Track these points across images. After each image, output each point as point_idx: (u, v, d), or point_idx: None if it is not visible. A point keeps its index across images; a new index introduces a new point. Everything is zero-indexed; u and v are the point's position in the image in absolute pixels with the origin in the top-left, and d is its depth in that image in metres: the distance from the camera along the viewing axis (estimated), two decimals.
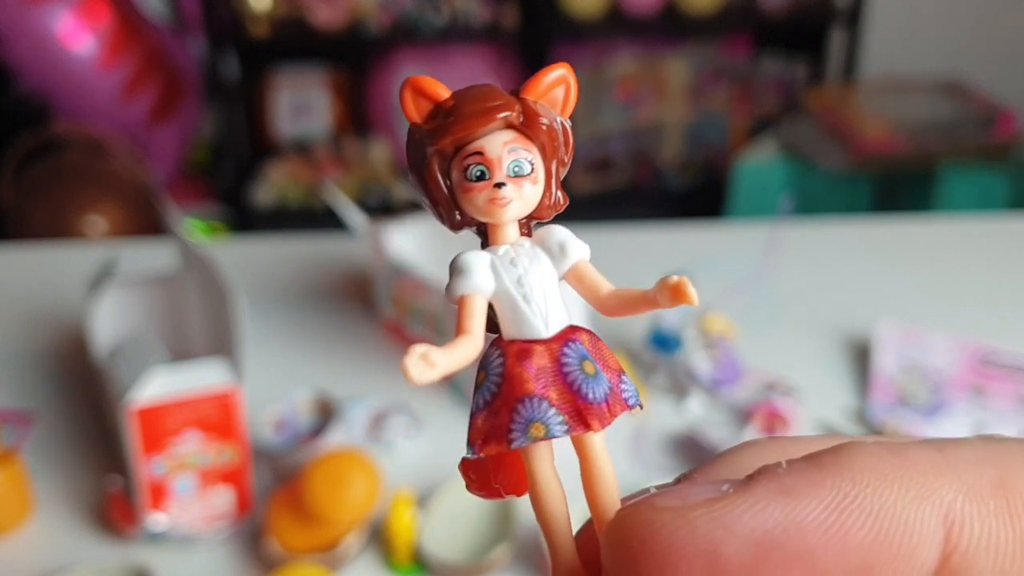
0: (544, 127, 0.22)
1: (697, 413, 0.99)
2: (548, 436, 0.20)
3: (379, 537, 0.85)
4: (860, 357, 1.07)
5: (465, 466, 0.22)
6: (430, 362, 0.20)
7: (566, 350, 0.21)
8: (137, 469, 0.82)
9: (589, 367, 0.21)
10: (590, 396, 0.21)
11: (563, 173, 0.23)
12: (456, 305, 0.22)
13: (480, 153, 0.22)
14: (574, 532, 0.21)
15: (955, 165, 2.22)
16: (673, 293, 0.21)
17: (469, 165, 0.22)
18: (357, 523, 0.84)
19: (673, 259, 1.18)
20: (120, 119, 2.38)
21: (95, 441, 0.97)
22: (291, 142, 2.73)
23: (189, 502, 0.85)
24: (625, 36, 2.67)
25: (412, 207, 1.19)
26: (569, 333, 0.22)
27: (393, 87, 2.66)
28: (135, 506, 0.84)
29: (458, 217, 0.23)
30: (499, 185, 0.22)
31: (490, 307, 0.22)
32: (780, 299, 1.15)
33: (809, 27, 2.68)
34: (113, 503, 0.86)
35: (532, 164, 0.22)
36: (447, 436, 0.96)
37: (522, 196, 0.22)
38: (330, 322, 1.15)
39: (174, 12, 2.64)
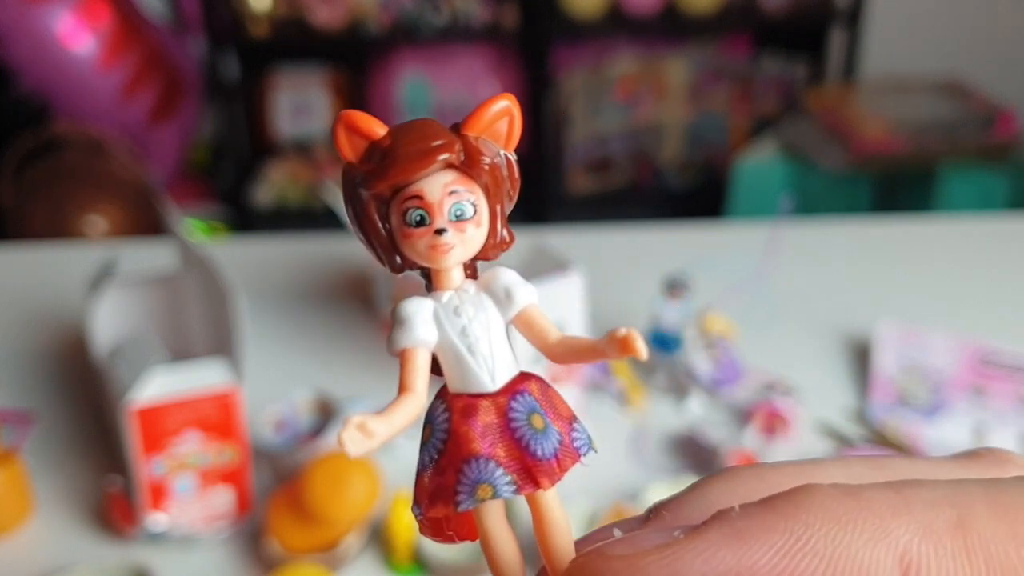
0: (487, 166, 0.21)
1: (697, 413, 0.99)
2: (496, 496, 0.20)
3: (379, 537, 0.85)
4: (860, 357, 1.07)
5: (416, 497, 0.22)
6: (368, 432, 0.19)
7: (513, 404, 0.20)
8: (137, 469, 0.82)
9: (538, 421, 0.20)
10: (539, 453, 0.20)
11: (509, 208, 0.22)
12: (397, 358, 0.21)
13: (419, 197, 0.21)
14: None
15: (955, 165, 2.22)
16: (621, 346, 0.20)
17: (408, 209, 0.21)
18: (357, 523, 0.84)
19: (673, 259, 1.18)
20: (120, 119, 2.38)
21: (95, 441, 0.97)
22: (291, 142, 2.73)
23: (189, 502, 0.85)
24: (625, 36, 2.67)
25: None
26: (517, 384, 0.21)
27: (393, 87, 2.66)
28: (135, 506, 0.84)
29: (399, 260, 0.22)
30: (440, 231, 0.21)
31: (434, 355, 0.22)
32: (780, 299, 1.15)
33: (809, 27, 2.67)
34: (113, 503, 0.86)
35: (475, 206, 0.21)
36: None
37: (464, 241, 0.21)
38: (330, 322, 1.15)
39: (174, 12, 2.64)
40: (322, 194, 2.08)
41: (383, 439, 0.20)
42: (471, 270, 0.22)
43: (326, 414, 0.97)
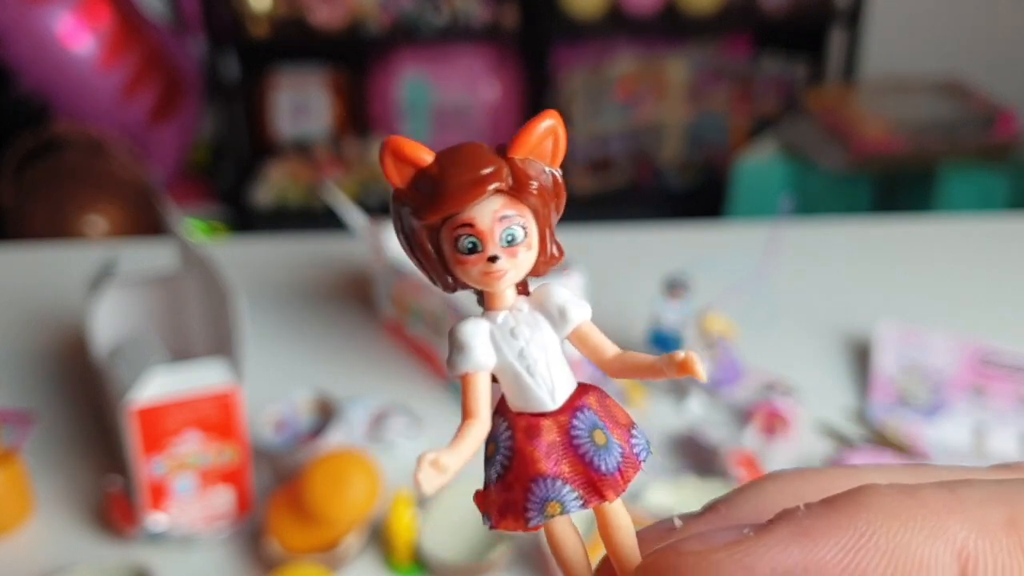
0: (535, 190, 0.21)
1: (697, 413, 0.99)
2: (564, 512, 0.20)
3: (379, 537, 0.85)
4: (860, 357, 1.07)
5: (483, 505, 0.22)
6: (441, 467, 0.20)
7: (575, 422, 0.21)
8: (137, 469, 0.82)
9: (600, 437, 0.21)
10: (603, 468, 0.21)
11: (555, 221, 0.23)
12: (458, 381, 0.22)
13: (471, 225, 0.21)
14: (593, 570, 0.22)
15: (955, 165, 2.22)
16: (680, 368, 0.21)
17: (460, 236, 0.21)
18: (357, 523, 0.84)
19: (673, 259, 1.18)
20: (120, 119, 2.38)
21: (95, 441, 0.97)
22: (291, 142, 2.73)
23: (189, 502, 0.85)
24: (625, 36, 2.67)
25: None
26: (576, 400, 0.21)
27: (393, 87, 2.66)
28: (135, 506, 0.84)
29: (451, 281, 0.22)
30: (493, 259, 0.21)
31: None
32: (780, 299, 1.15)
33: (809, 27, 2.67)
34: (113, 503, 0.86)
35: (525, 229, 0.22)
36: (447, 436, 0.96)
37: (517, 265, 0.22)
38: (330, 322, 1.15)
39: (174, 12, 2.64)
40: (322, 194, 2.08)
41: (456, 471, 0.20)
42: (522, 286, 0.23)
43: (326, 414, 0.97)
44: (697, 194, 2.71)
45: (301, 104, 2.71)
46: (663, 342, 1.02)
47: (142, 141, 2.43)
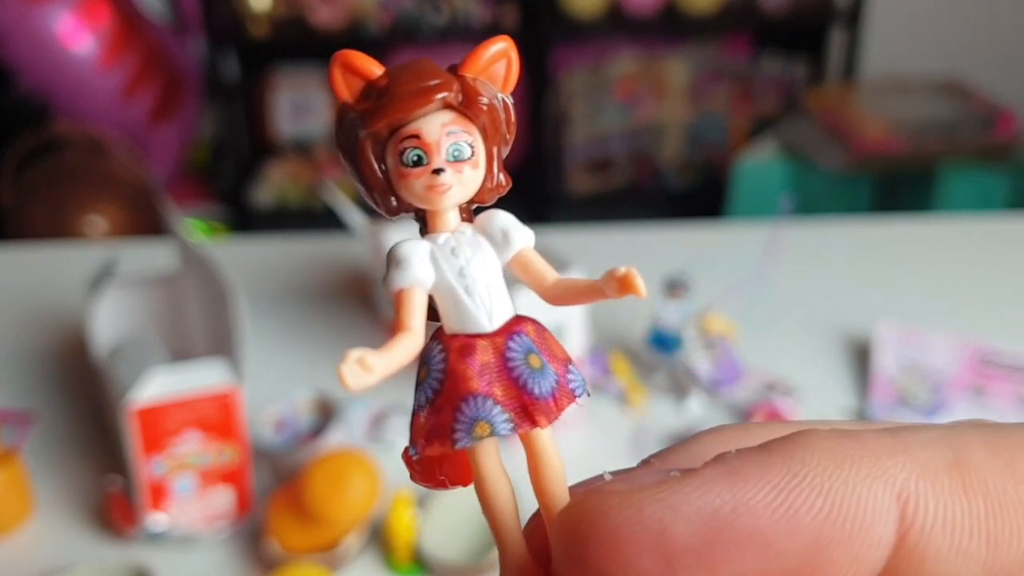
0: (484, 106, 0.21)
1: (697, 413, 0.99)
2: (494, 434, 0.20)
3: (379, 537, 0.85)
4: (860, 357, 1.07)
5: (407, 457, 0.21)
6: (367, 366, 0.19)
7: (511, 344, 0.21)
8: (137, 469, 0.82)
9: (535, 360, 0.20)
10: (536, 391, 0.20)
11: (505, 152, 0.22)
12: (394, 298, 0.21)
13: (417, 136, 0.21)
14: (522, 524, 0.21)
15: (955, 165, 2.22)
16: (620, 284, 0.21)
17: (405, 149, 0.21)
18: (357, 523, 0.84)
19: (673, 259, 1.18)
20: (120, 119, 2.38)
21: (95, 441, 0.97)
22: (291, 142, 2.73)
23: (189, 502, 0.85)
24: (625, 36, 2.67)
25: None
26: (514, 325, 0.21)
27: None
28: (135, 506, 0.84)
29: (394, 203, 0.22)
30: (438, 171, 0.21)
31: (430, 297, 0.22)
32: (780, 299, 1.15)
33: (809, 27, 2.67)
34: (113, 503, 0.86)
35: (472, 147, 0.21)
36: None
37: (462, 181, 0.21)
38: (330, 322, 1.15)
39: (174, 12, 2.64)
40: (322, 194, 2.08)
41: (381, 375, 0.20)
42: (467, 213, 0.22)
43: (326, 414, 0.97)
44: (697, 194, 2.71)
45: (301, 104, 2.71)
46: (663, 342, 1.02)
47: (142, 141, 2.43)
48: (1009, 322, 1.14)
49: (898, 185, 2.27)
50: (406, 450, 0.21)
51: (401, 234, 1.14)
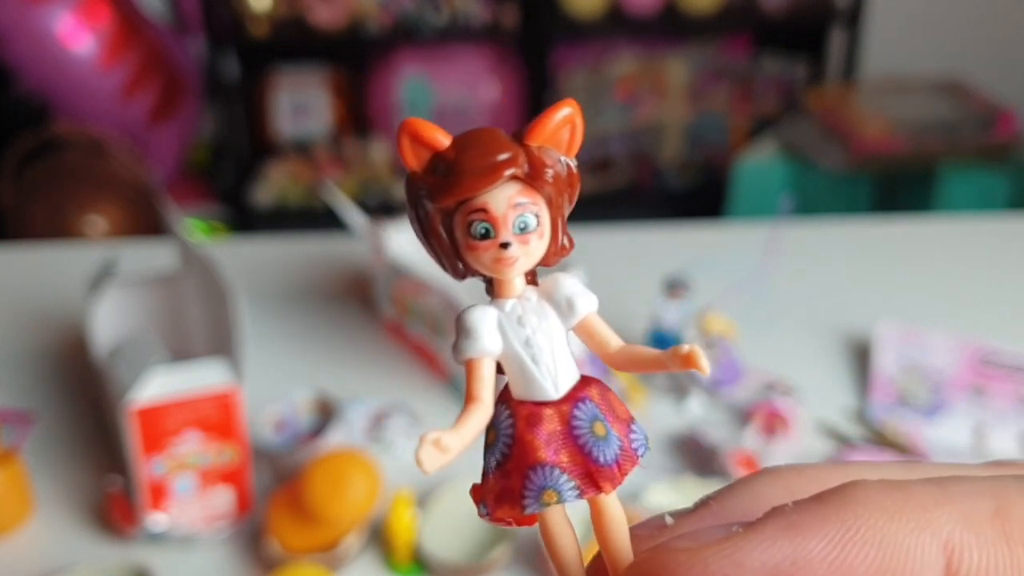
0: (550, 179, 0.21)
1: (697, 413, 0.99)
2: (560, 501, 0.21)
3: (379, 537, 0.85)
4: (860, 357, 1.07)
5: (479, 494, 0.22)
6: (442, 447, 0.20)
7: (576, 412, 0.21)
8: (137, 469, 0.82)
9: (600, 428, 0.21)
10: (601, 460, 0.21)
11: (568, 212, 0.23)
12: (463, 366, 0.22)
13: (484, 211, 0.21)
14: (585, 565, 0.22)
15: (955, 165, 2.22)
16: (684, 361, 0.22)
17: (473, 222, 0.21)
18: (357, 523, 0.84)
19: (673, 259, 1.18)
20: (120, 119, 2.38)
21: (95, 441, 0.97)
22: (291, 142, 2.73)
23: (189, 502, 0.85)
24: (625, 36, 2.67)
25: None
26: (579, 391, 0.21)
27: (393, 87, 2.66)
28: (135, 506, 0.84)
29: (462, 268, 0.22)
30: (505, 245, 0.21)
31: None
32: (780, 299, 1.15)
33: (809, 27, 2.67)
34: (113, 503, 0.86)
35: (538, 217, 0.22)
36: None
37: (528, 252, 0.22)
38: (330, 322, 1.15)
39: (174, 12, 2.64)
40: (322, 194, 2.08)
41: (456, 453, 0.20)
42: (531, 276, 0.23)
43: (326, 414, 0.97)
44: (697, 194, 2.71)
45: (301, 104, 2.71)
46: (663, 342, 1.02)
47: (142, 141, 2.43)
48: (1009, 322, 1.14)
49: (898, 185, 2.27)
50: (475, 487, 0.22)
51: (402, 236, 1.14)
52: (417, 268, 1.04)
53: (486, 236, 0.21)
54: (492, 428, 0.22)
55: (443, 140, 0.21)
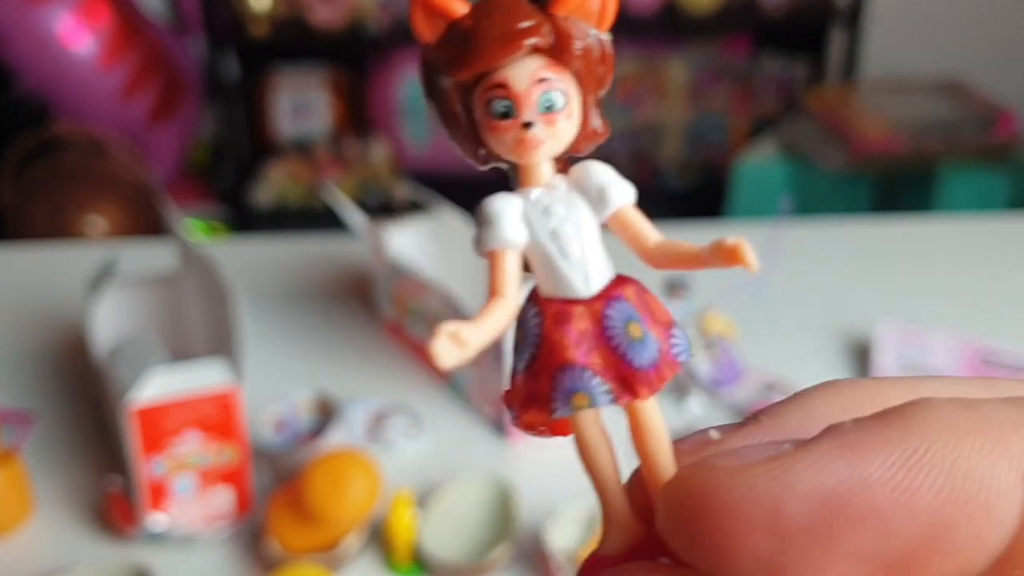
0: (579, 51, 0.19)
1: (697, 413, 0.99)
2: (592, 405, 0.19)
3: (379, 537, 0.85)
4: (860, 357, 1.07)
5: (508, 399, 0.20)
6: (461, 341, 0.18)
7: (609, 312, 0.19)
8: (137, 469, 0.82)
9: (635, 329, 0.19)
10: (636, 362, 0.19)
11: (602, 95, 0.21)
12: (485, 258, 0.20)
13: (504, 86, 0.19)
14: (623, 481, 0.20)
15: (955, 165, 2.22)
16: (729, 256, 0.20)
17: (492, 99, 0.19)
18: (357, 523, 0.84)
19: None
20: (120, 119, 2.38)
21: (95, 441, 0.97)
22: (291, 142, 2.73)
23: (189, 502, 0.85)
24: (625, 36, 2.67)
25: (412, 207, 1.18)
26: (612, 289, 0.20)
27: (393, 87, 2.66)
28: (135, 506, 0.84)
29: (483, 152, 0.20)
30: (528, 125, 0.19)
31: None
32: (780, 299, 1.15)
33: (809, 27, 2.67)
34: (113, 503, 0.86)
35: (566, 95, 0.20)
36: (447, 436, 0.96)
37: (555, 134, 0.20)
38: (330, 322, 1.15)
39: (174, 12, 2.64)
40: (322, 194, 2.08)
41: (477, 348, 0.19)
42: (561, 164, 0.21)
43: (326, 414, 0.97)
44: (697, 194, 2.71)
45: (301, 104, 2.71)
46: None
47: (142, 141, 2.43)
48: (1009, 322, 1.14)
49: (898, 185, 2.27)
50: (505, 393, 0.20)
51: (402, 236, 1.14)
52: (417, 268, 1.04)
53: (507, 115, 0.19)
54: (520, 327, 0.20)
55: (459, 8, 0.19)
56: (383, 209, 2.45)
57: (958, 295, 1.20)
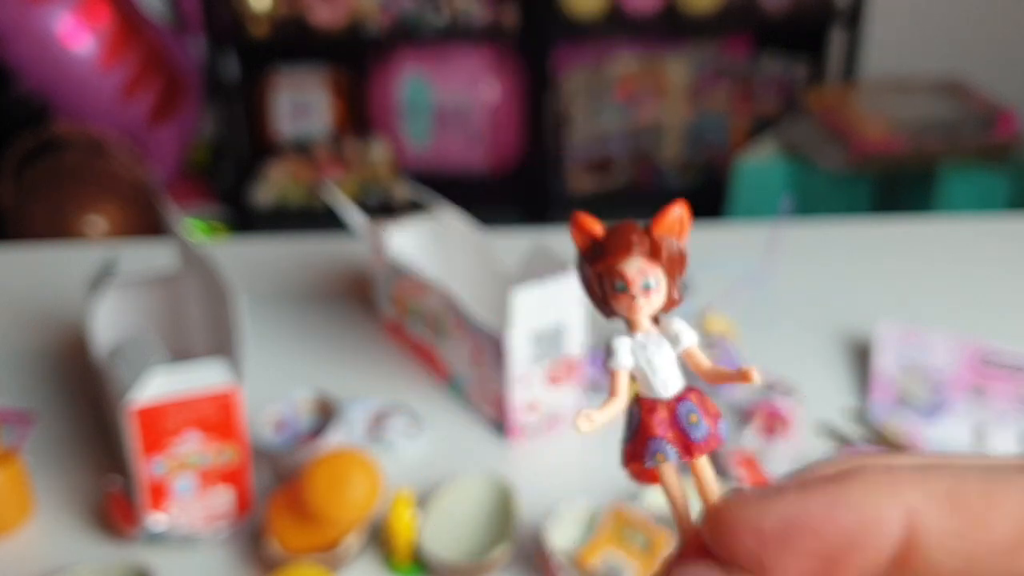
0: (665, 256, 0.31)
1: None
2: (667, 460, 0.31)
3: (379, 537, 0.85)
4: (860, 357, 1.07)
5: (623, 457, 0.32)
6: (591, 420, 0.30)
7: (679, 407, 0.31)
8: (137, 469, 0.82)
9: (694, 418, 0.31)
10: (692, 437, 0.31)
11: (679, 279, 0.32)
12: (610, 375, 0.32)
13: (622, 275, 0.31)
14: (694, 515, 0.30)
15: (955, 165, 2.22)
16: (741, 376, 0.31)
17: (615, 281, 0.31)
18: (357, 523, 0.84)
19: None
20: (120, 119, 2.38)
21: (95, 441, 0.97)
22: (291, 142, 2.73)
23: (189, 502, 0.85)
24: (625, 36, 2.67)
25: (412, 207, 1.18)
26: (682, 395, 0.31)
27: (393, 87, 2.66)
28: (135, 506, 0.84)
29: (609, 310, 0.32)
30: (634, 298, 0.31)
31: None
32: (780, 299, 1.15)
33: (809, 27, 2.67)
34: (113, 503, 0.86)
35: (657, 280, 0.31)
36: (447, 436, 0.96)
37: (650, 303, 0.31)
38: (330, 322, 1.15)
39: (174, 12, 2.64)
40: (322, 194, 2.08)
41: (600, 425, 0.30)
42: (655, 318, 0.32)
43: (326, 414, 0.97)
44: (697, 194, 2.71)
45: (301, 104, 2.71)
46: None
47: (142, 141, 2.43)
48: (1009, 322, 1.14)
49: (898, 185, 2.27)
50: (623, 451, 0.32)
51: (402, 236, 1.14)
52: (417, 268, 1.04)
53: (623, 291, 0.31)
54: (628, 414, 0.32)
55: (598, 229, 0.31)
56: (383, 209, 2.45)
57: (958, 295, 1.20)
